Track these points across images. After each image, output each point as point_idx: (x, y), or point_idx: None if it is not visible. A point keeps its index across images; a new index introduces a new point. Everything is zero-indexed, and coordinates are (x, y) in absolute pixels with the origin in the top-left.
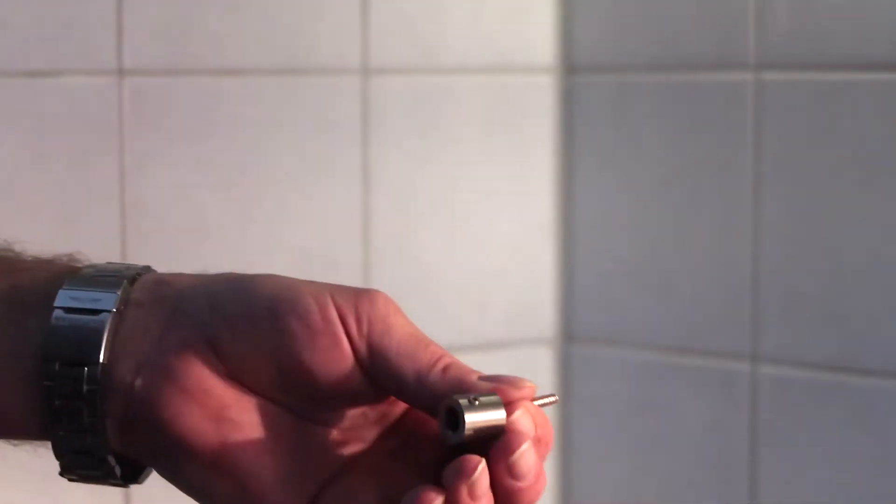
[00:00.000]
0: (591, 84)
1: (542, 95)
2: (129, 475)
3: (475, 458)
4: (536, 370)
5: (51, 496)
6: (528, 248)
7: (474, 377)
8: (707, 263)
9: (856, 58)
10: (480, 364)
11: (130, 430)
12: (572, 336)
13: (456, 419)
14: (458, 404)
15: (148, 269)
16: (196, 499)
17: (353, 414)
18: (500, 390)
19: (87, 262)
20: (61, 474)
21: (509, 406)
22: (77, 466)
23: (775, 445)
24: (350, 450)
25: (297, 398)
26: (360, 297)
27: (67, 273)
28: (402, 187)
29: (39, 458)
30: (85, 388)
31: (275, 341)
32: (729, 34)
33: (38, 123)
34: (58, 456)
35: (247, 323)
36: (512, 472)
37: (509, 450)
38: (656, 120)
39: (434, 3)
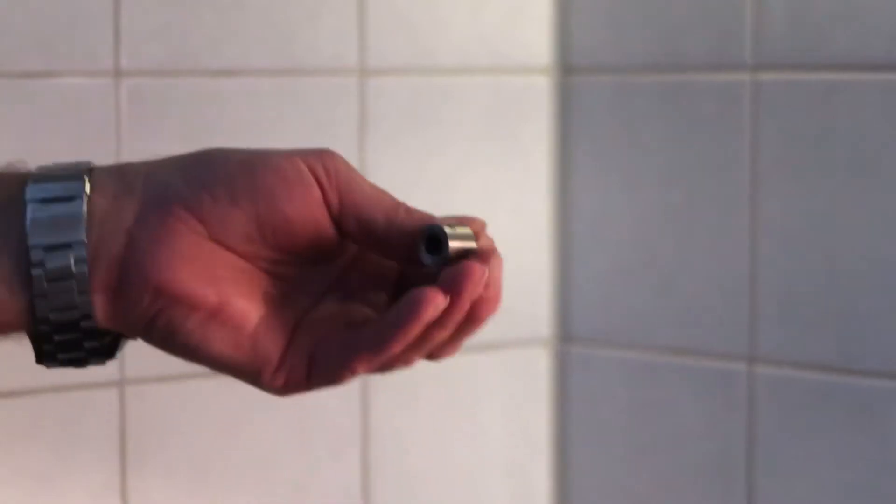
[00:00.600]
0: (588, 84)
1: (539, 96)
2: (108, 352)
3: (479, 265)
4: (533, 371)
5: (46, 497)
6: (525, 249)
7: (436, 216)
8: (704, 264)
9: (853, 58)
10: (478, 364)
11: (123, 301)
12: (569, 336)
13: (438, 244)
14: (442, 229)
15: (90, 163)
16: (191, 355)
17: (319, 270)
18: (464, 221)
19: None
20: (40, 362)
21: (476, 233)
22: (62, 350)
23: (773, 446)
24: (318, 288)
25: (274, 252)
26: (323, 154)
27: (22, 175)
28: (399, 187)
29: (36, 460)
30: (73, 266)
31: (253, 197)
32: (726, 35)
33: (35, 124)
34: (45, 341)
35: (223, 185)
36: (487, 283)
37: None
38: (653, 120)
39: (431, 4)
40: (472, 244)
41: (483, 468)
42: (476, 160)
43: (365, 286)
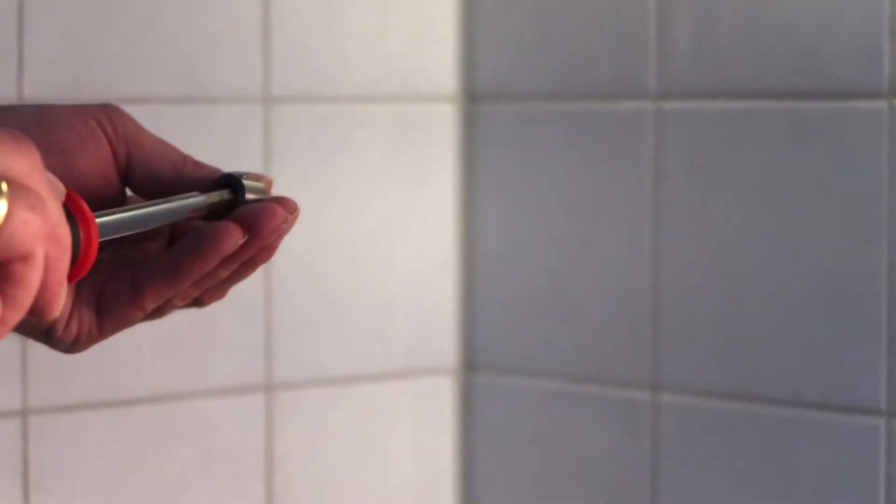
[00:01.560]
0: (493, 112)
1: (444, 124)
2: None
3: (280, 208)
4: (438, 400)
5: None
6: (430, 277)
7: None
8: (609, 292)
9: (755, 86)
10: (383, 393)
11: None
12: (474, 365)
13: (235, 190)
14: (239, 177)
15: None
16: None
17: None
18: (256, 176)
19: None
20: None
21: (266, 189)
22: None
23: (677, 474)
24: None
25: None
26: (108, 108)
27: None
28: (304, 215)
29: None
30: None
31: (48, 151)
32: (629, 63)
33: None
34: None
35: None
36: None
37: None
38: (558, 148)
39: (335, 32)
40: (262, 190)
41: (390, 498)
42: (381, 188)
43: (139, 237)
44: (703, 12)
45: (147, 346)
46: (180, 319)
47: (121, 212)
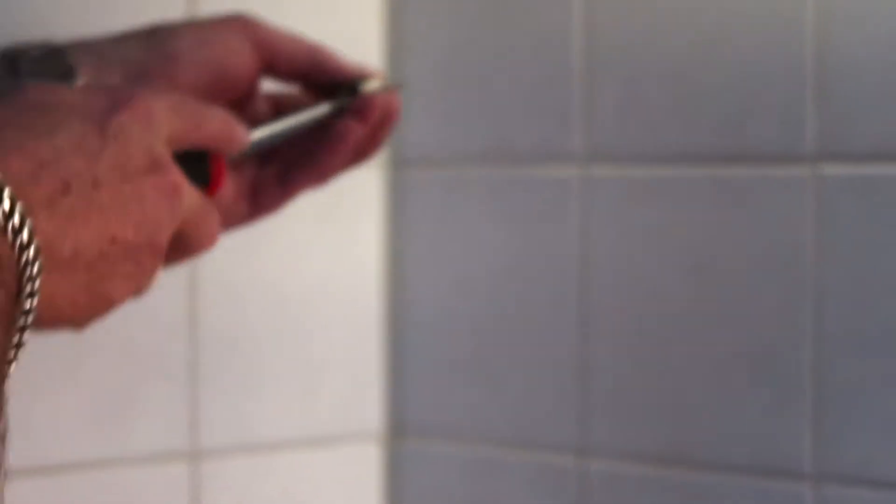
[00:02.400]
0: (419, 177)
1: (371, 186)
2: None
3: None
4: (365, 466)
5: None
6: (357, 341)
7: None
8: (535, 356)
9: (681, 151)
10: (308, 461)
11: None
12: (401, 431)
13: (354, 92)
14: (357, 79)
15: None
16: None
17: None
18: (367, 74)
19: None
20: None
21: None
22: None
23: None
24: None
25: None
26: (244, 18)
27: None
28: (231, 277)
29: None
30: None
31: (205, 69)
32: (555, 128)
33: None
34: None
35: (185, 58)
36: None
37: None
38: (485, 213)
39: None
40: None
41: None
42: (309, 251)
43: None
44: (629, 77)
45: (69, 413)
46: (103, 384)
47: (261, 130)
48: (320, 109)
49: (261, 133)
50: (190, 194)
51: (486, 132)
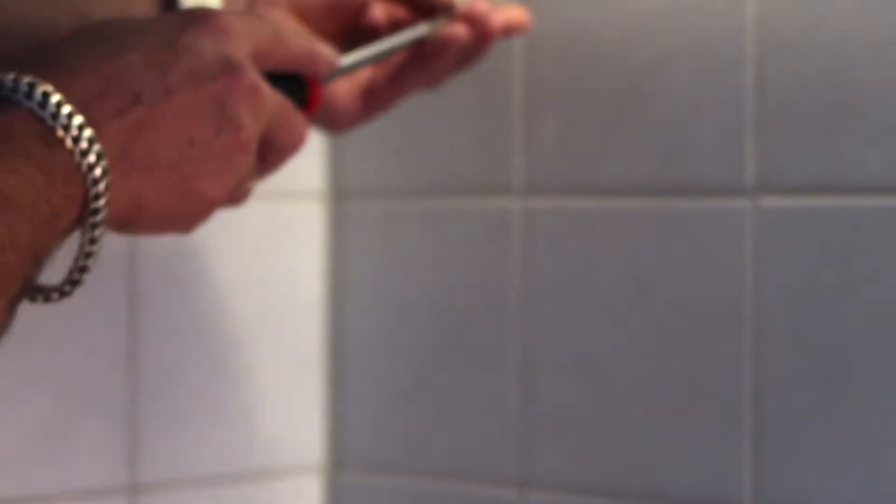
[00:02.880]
0: (360, 210)
1: (311, 221)
2: None
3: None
4: (305, 499)
5: None
6: (297, 374)
7: None
8: (477, 388)
9: (621, 183)
10: (248, 495)
11: None
12: (341, 463)
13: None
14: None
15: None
16: None
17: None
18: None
19: None
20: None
21: None
22: None
23: None
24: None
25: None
26: None
27: None
28: (170, 310)
29: None
30: None
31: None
32: (496, 160)
33: None
34: None
35: None
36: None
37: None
38: (426, 246)
39: None
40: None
41: None
42: (248, 284)
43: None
44: (570, 110)
45: (7, 446)
46: (42, 417)
47: (357, 53)
48: (417, 31)
49: (352, 58)
50: (272, 96)
51: (427, 165)
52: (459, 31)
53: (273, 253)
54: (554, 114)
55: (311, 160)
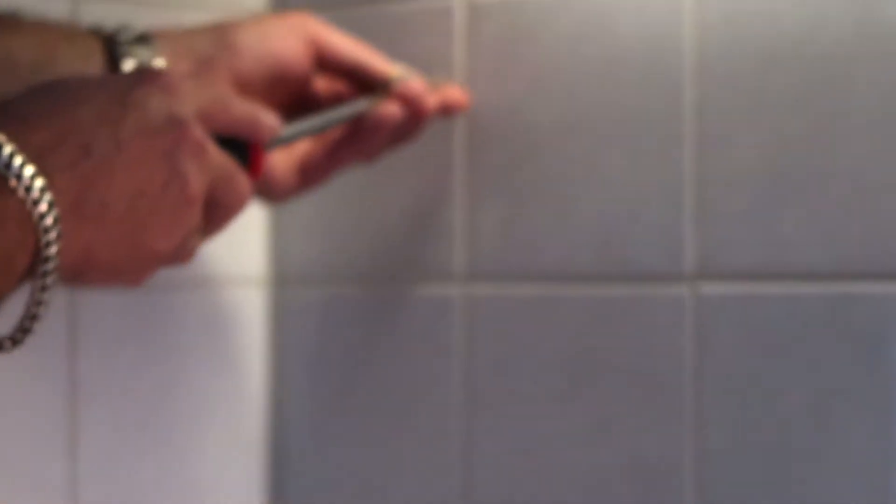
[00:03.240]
0: (300, 297)
1: (252, 307)
2: None
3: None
4: None
5: None
6: (236, 463)
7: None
8: (418, 478)
9: (562, 270)
10: None
11: None
12: None
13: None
14: (392, 78)
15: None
16: None
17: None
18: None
19: None
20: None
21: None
22: None
23: None
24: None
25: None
26: (303, 16)
27: None
28: (111, 399)
29: None
30: None
31: (264, 61)
32: (437, 247)
33: None
34: None
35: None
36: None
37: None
38: (366, 333)
39: None
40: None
41: None
42: (190, 371)
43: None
44: (510, 199)
45: None
46: None
47: (298, 124)
48: (357, 106)
49: (293, 129)
50: (218, 155)
51: (367, 252)
52: (393, 109)
53: (213, 338)
54: (495, 201)
55: (251, 246)
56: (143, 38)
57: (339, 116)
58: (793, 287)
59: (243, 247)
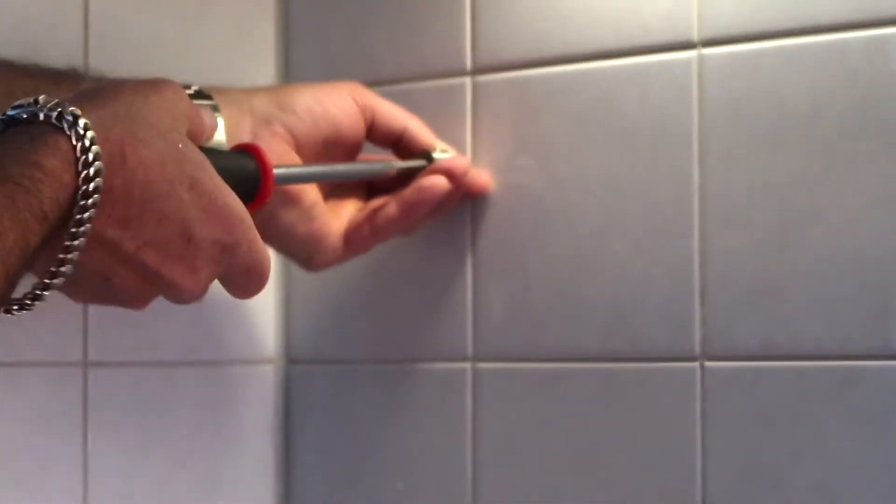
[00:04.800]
0: (311, 375)
1: (262, 385)
2: None
3: (462, 163)
4: None
5: None
6: None
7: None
8: None
9: (569, 349)
10: None
11: None
12: None
13: (429, 159)
14: (431, 150)
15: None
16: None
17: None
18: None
19: None
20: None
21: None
22: None
23: None
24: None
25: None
26: (355, 85)
27: None
28: (121, 478)
29: None
30: None
31: (322, 120)
32: (446, 327)
33: None
34: None
35: (307, 112)
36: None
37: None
38: (375, 411)
39: (158, 304)
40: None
41: None
42: (199, 449)
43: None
44: (518, 279)
45: None
46: None
47: (316, 167)
48: (375, 167)
49: (310, 171)
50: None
51: (378, 330)
52: (442, 181)
53: (224, 415)
54: (502, 282)
55: (262, 326)
56: (201, 94)
57: (360, 170)
58: (797, 365)
59: (252, 328)
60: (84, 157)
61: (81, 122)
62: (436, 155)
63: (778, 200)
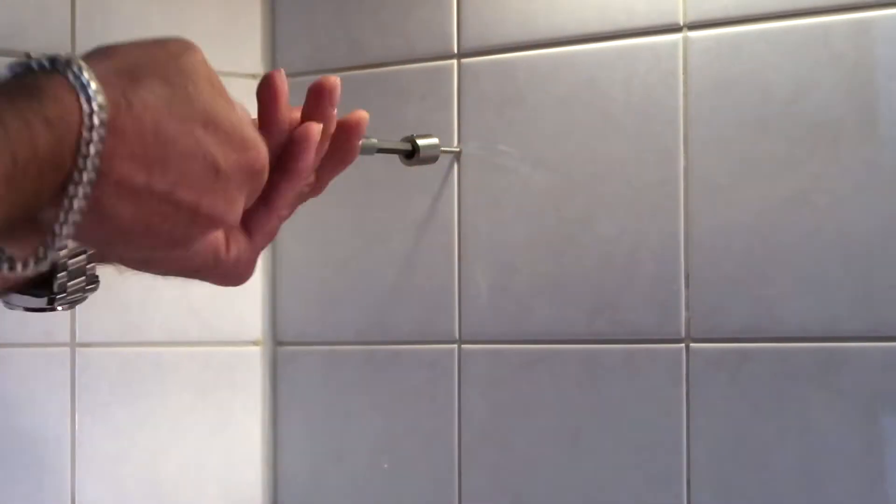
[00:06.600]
0: (298, 355)
1: (249, 367)
2: None
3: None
4: None
5: None
6: None
7: None
8: None
9: (554, 331)
10: None
11: None
12: None
13: None
14: None
15: None
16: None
17: None
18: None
19: None
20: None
21: None
22: None
23: None
24: None
25: None
26: None
27: None
28: (108, 458)
29: None
30: None
31: None
32: (435, 311)
33: None
34: None
35: None
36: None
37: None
38: (362, 392)
39: (145, 285)
40: None
41: None
42: (187, 429)
43: None
44: (503, 262)
45: None
46: None
47: None
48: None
49: None
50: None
51: (365, 314)
52: (313, 126)
53: (211, 398)
54: (488, 266)
55: (250, 308)
56: None
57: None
58: (783, 346)
59: (239, 309)
60: (85, 93)
61: (76, 65)
62: (420, 142)
63: (763, 182)
